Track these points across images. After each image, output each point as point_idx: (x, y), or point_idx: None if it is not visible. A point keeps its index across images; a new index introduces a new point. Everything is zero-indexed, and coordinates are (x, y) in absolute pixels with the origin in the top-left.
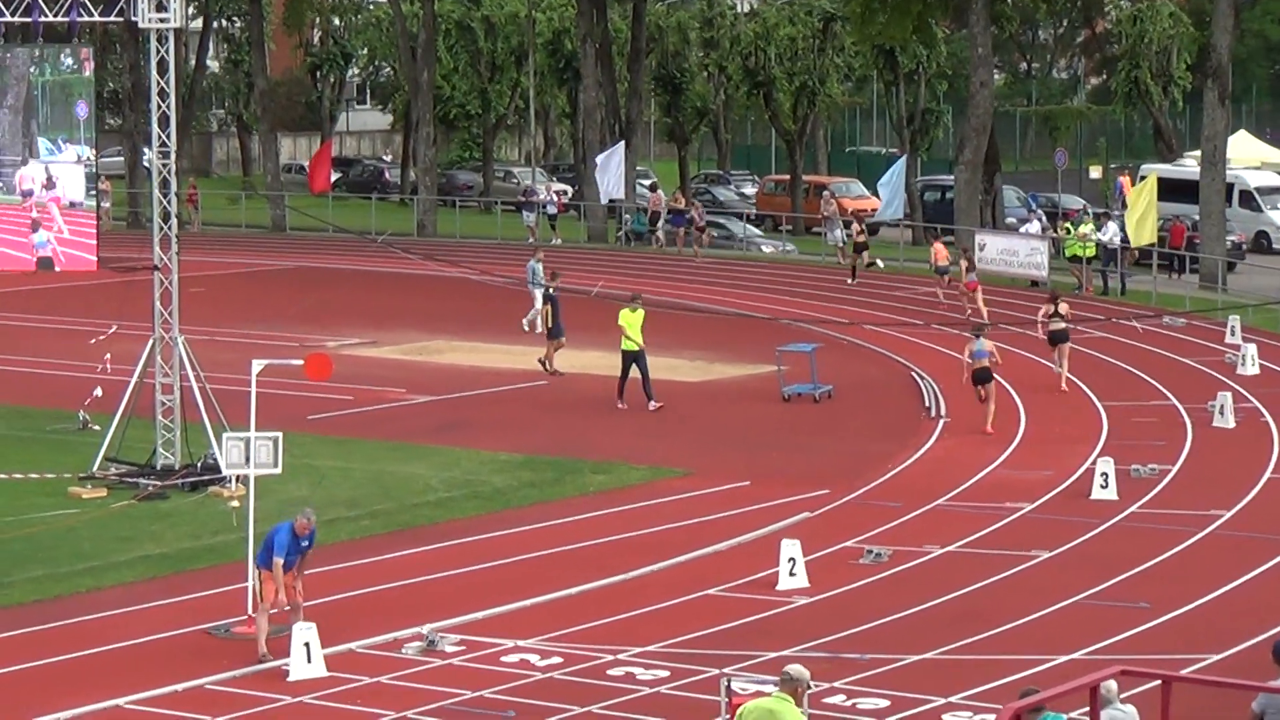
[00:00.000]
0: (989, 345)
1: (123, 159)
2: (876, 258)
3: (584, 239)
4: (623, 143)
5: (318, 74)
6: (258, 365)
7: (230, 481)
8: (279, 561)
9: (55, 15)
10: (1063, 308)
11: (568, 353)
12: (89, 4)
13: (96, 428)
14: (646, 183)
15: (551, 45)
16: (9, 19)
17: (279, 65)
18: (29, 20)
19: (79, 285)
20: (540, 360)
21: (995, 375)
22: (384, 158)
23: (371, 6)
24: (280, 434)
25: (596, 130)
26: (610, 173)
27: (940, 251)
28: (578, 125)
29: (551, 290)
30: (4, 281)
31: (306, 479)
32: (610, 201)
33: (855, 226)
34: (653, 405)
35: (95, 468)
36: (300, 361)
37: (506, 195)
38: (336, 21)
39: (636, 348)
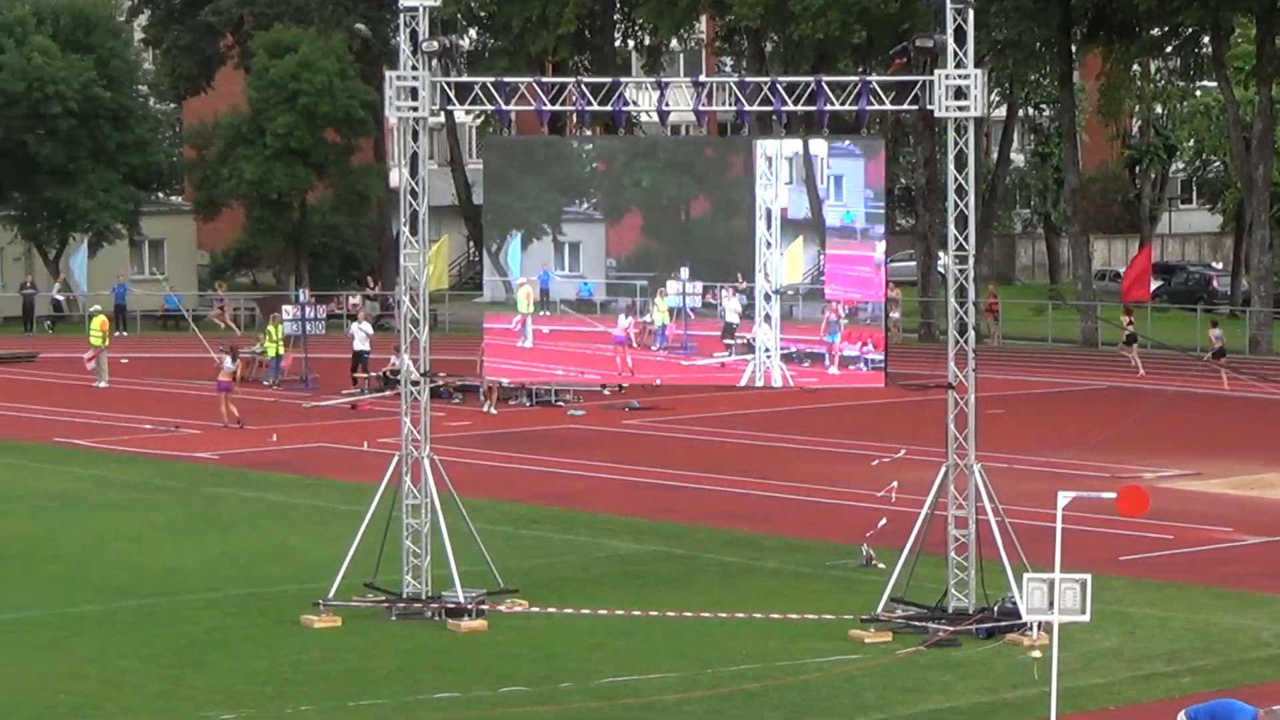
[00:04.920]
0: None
1: (914, 264)
2: None
3: None
4: None
5: (1136, 169)
6: (1064, 498)
7: (1031, 629)
8: None
9: (842, 104)
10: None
11: None
12: (880, 91)
13: (881, 565)
14: None
15: None
16: (792, 108)
17: (1092, 159)
18: (812, 109)
19: (864, 404)
20: None
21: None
22: (1212, 264)
23: (1199, 93)
24: (1089, 576)
25: None
26: None
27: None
28: None
29: None
30: (784, 400)
31: (1117, 629)
32: None
33: None
34: None
35: (880, 609)
36: (1113, 494)
37: None
38: (1159, 109)
39: None
